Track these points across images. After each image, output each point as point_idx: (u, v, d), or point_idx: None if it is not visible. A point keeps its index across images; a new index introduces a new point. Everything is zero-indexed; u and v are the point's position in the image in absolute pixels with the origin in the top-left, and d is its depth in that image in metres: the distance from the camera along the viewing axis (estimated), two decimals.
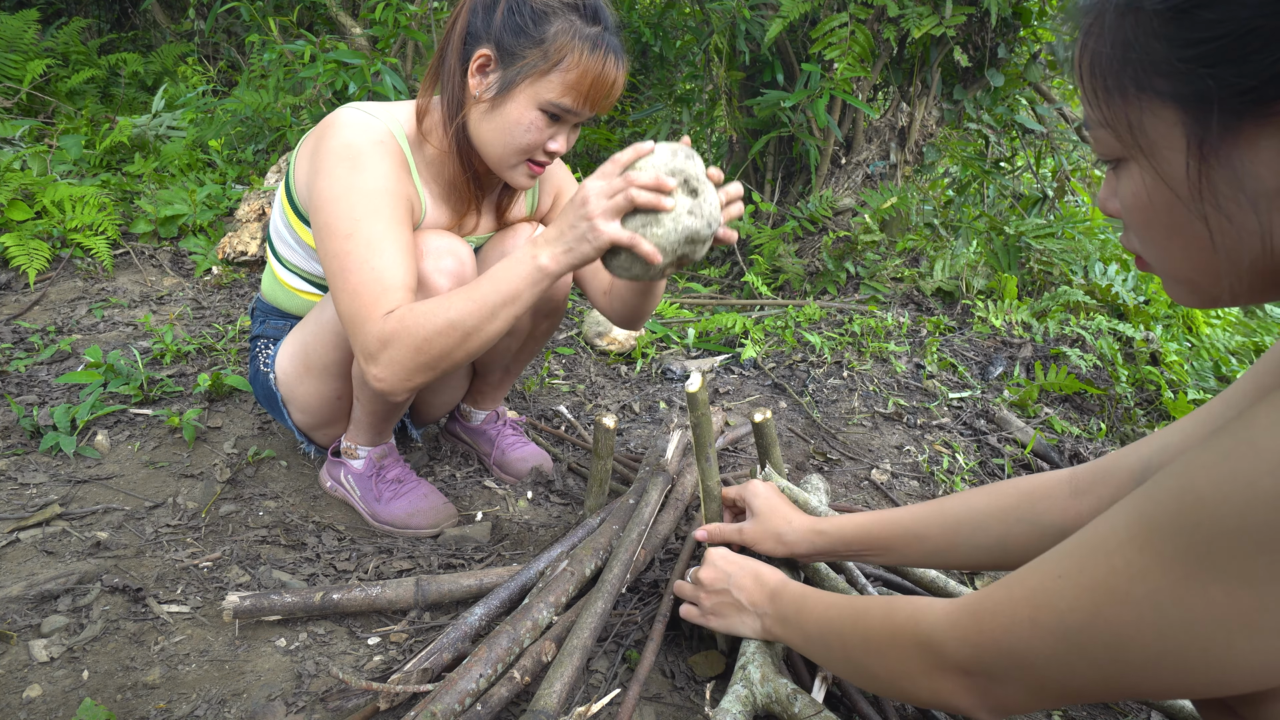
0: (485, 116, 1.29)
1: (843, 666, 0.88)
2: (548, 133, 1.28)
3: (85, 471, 1.58)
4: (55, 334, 2.14)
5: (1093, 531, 0.63)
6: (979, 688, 0.71)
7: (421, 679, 1.05)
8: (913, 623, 0.76)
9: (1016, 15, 3.13)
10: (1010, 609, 0.67)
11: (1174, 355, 2.44)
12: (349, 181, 1.22)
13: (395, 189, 1.26)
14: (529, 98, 1.25)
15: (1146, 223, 0.64)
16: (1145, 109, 0.59)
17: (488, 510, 1.66)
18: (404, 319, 1.15)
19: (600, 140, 4.23)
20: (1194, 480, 0.56)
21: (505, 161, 1.32)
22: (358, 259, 1.19)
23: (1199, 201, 0.58)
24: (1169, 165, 0.59)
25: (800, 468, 1.91)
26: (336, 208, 1.22)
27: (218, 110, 3.64)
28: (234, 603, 1.18)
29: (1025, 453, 2.03)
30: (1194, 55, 0.55)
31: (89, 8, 4.92)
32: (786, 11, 2.83)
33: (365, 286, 1.18)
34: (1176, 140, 0.58)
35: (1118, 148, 0.63)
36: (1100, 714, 1.23)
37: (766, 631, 1.02)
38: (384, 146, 1.27)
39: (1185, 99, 0.57)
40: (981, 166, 3.53)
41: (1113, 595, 0.59)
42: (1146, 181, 0.62)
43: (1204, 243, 0.60)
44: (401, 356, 1.15)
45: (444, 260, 1.34)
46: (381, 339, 1.15)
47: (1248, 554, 0.52)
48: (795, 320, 2.74)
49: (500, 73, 1.25)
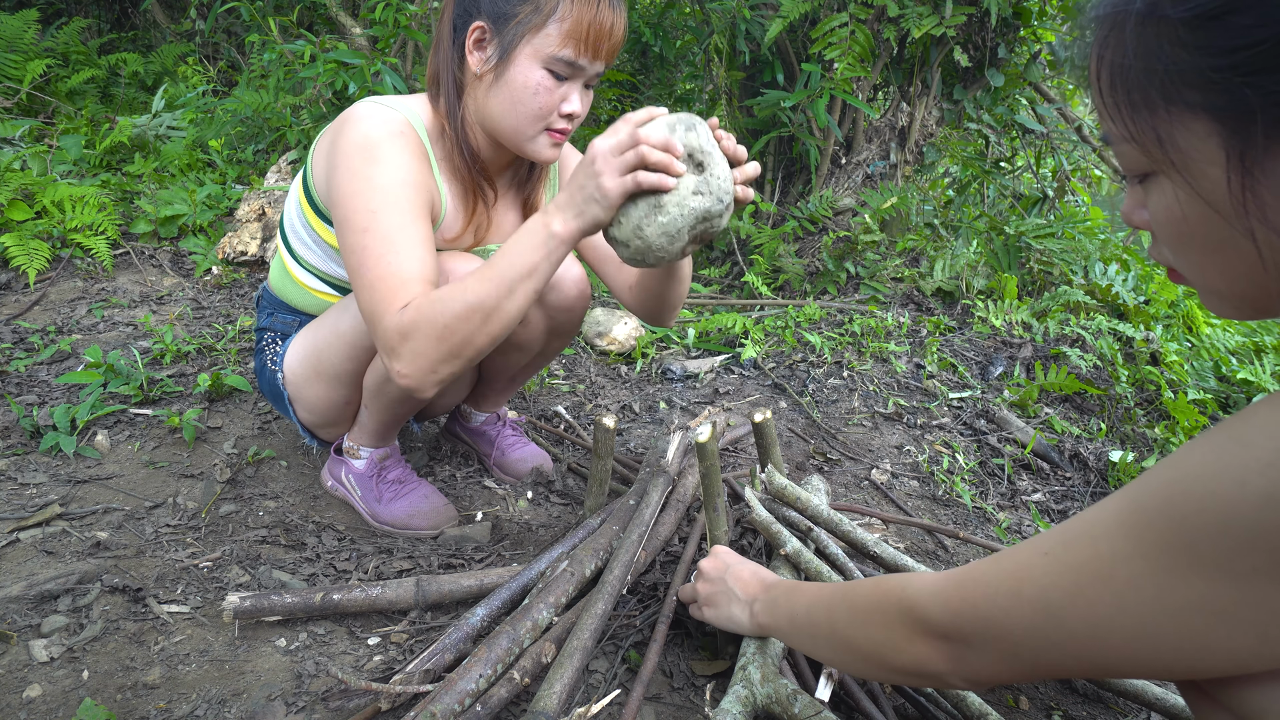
0: (491, 90, 1.26)
1: (826, 645, 0.88)
2: (558, 93, 1.24)
3: (85, 471, 1.58)
4: (55, 334, 2.14)
5: (1084, 516, 0.64)
6: (955, 654, 0.72)
7: (424, 679, 1.05)
8: (900, 589, 0.78)
9: (1016, 15, 3.13)
10: (995, 580, 0.69)
11: (1174, 355, 2.44)
12: (366, 174, 1.20)
13: (414, 180, 1.23)
14: (530, 56, 1.21)
15: (1182, 238, 0.61)
16: (1175, 122, 0.57)
17: (488, 510, 1.66)
18: (421, 308, 1.11)
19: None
20: (1185, 473, 0.56)
21: (522, 133, 1.27)
22: (375, 253, 1.17)
23: (1244, 216, 0.55)
24: (1206, 180, 0.57)
25: (800, 468, 1.91)
26: (354, 202, 1.20)
27: (218, 110, 3.64)
28: (234, 603, 1.18)
29: (1025, 453, 2.03)
30: (1229, 64, 0.52)
31: (89, 8, 4.92)
32: (786, 11, 2.83)
33: (383, 280, 1.15)
34: (1213, 153, 0.55)
35: (1145, 162, 0.61)
36: (1100, 714, 1.23)
37: (754, 618, 1.02)
38: (403, 138, 1.24)
39: (1221, 110, 0.54)
40: (981, 166, 3.53)
41: (1096, 576, 0.61)
42: (1180, 197, 0.59)
43: (1249, 257, 0.57)
44: (423, 348, 1.11)
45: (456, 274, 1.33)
46: (400, 331, 1.12)
47: (1232, 549, 0.53)
48: (795, 320, 2.74)
49: (497, 41, 1.23)
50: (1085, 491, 1.93)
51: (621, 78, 4.51)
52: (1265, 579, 0.52)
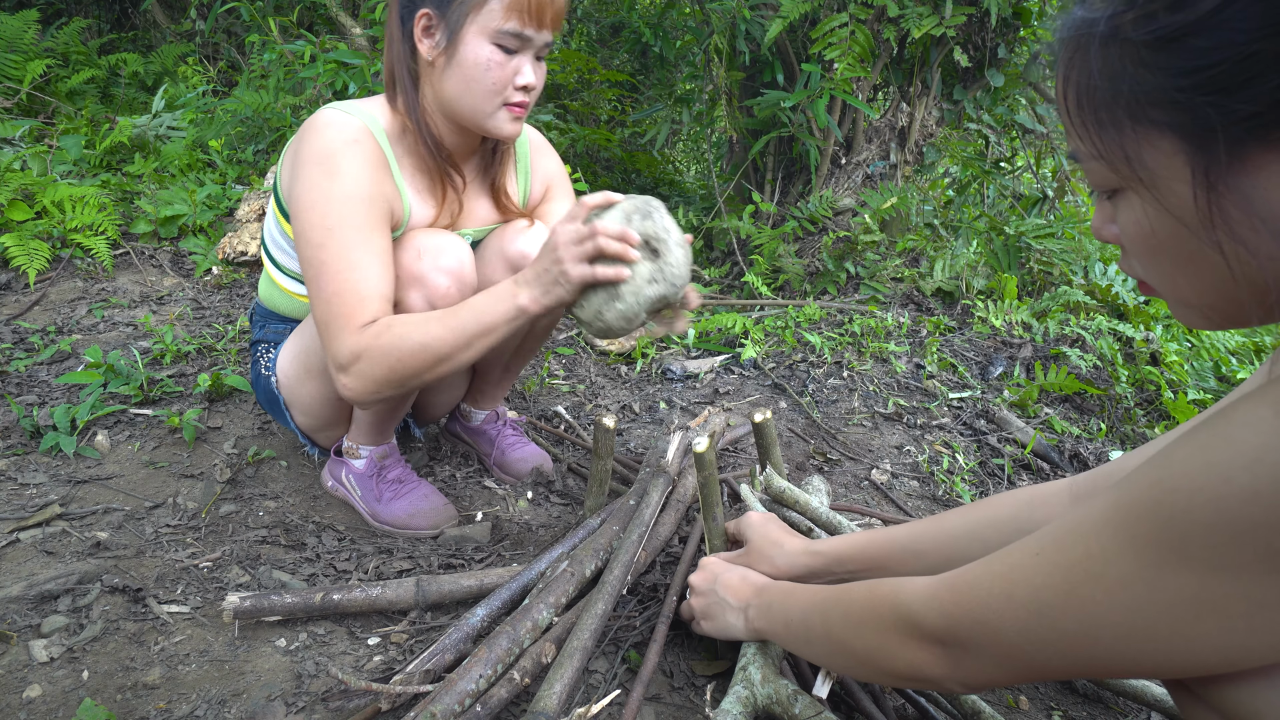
0: (445, 74, 1.28)
1: (822, 649, 0.88)
2: (510, 66, 1.26)
3: (85, 471, 1.58)
4: (55, 334, 2.14)
5: (1074, 516, 0.64)
6: (950, 658, 0.72)
7: (424, 680, 1.05)
8: (894, 593, 0.78)
9: (1016, 15, 3.13)
10: (987, 582, 0.69)
11: (1174, 355, 2.44)
12: (324, 188, 1.23)
13: (371, 193, 1.26)
14: (477, 34, 1.24)
15: (1152, 252, 0.63)
16: (1142, 140, 0.58)
17: (488, 510, 1.66)
18: (380, 336, 1.19)
19: (600, 140, 4.23)
20: (1172, 470, 0.57)
21: (481, 111, 1.29)
22: (332, 269, 1.21)
23: (1211, 230, 0.56)
24: (1173, 195, 0.58)
25: (800, 468, 1.91)
26: (311, 215, 1.23)
27: (218, 110, 3.64)
28: (234, 603, 1.18)
29: (1025, 453, 2.03)
30: (1190, 84, 0.53)
31: (89, 8, 4.92)
32: (786, 11, 2.83)
33: (340, 297, 1.20)
34: (1179, 170, 0.56)
35: (1114, 179, 0.62)
36: (1100, 714, 1.23)
37: (749, 624, 1.02)
38: (359, 146, 1.26)
39: (1185, 128, 0.55)
40: (981, 166, 3.53)
41: (1087, 575, 0.61)
42: (1149, 212, 0.60)
43: (1219, 270, 0.58)
44: (372, 371, 1.19)
45: (443, 258, 1.34)
46: (355, 352, 1.19)
47: (1220, 544, 0.53)
48: (795, 320, 2.74)
49: (444, 25, 1.25)
50: None
51: (622, 78, 4.51)
52: (1253, 573, 0.53)
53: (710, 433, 1.67)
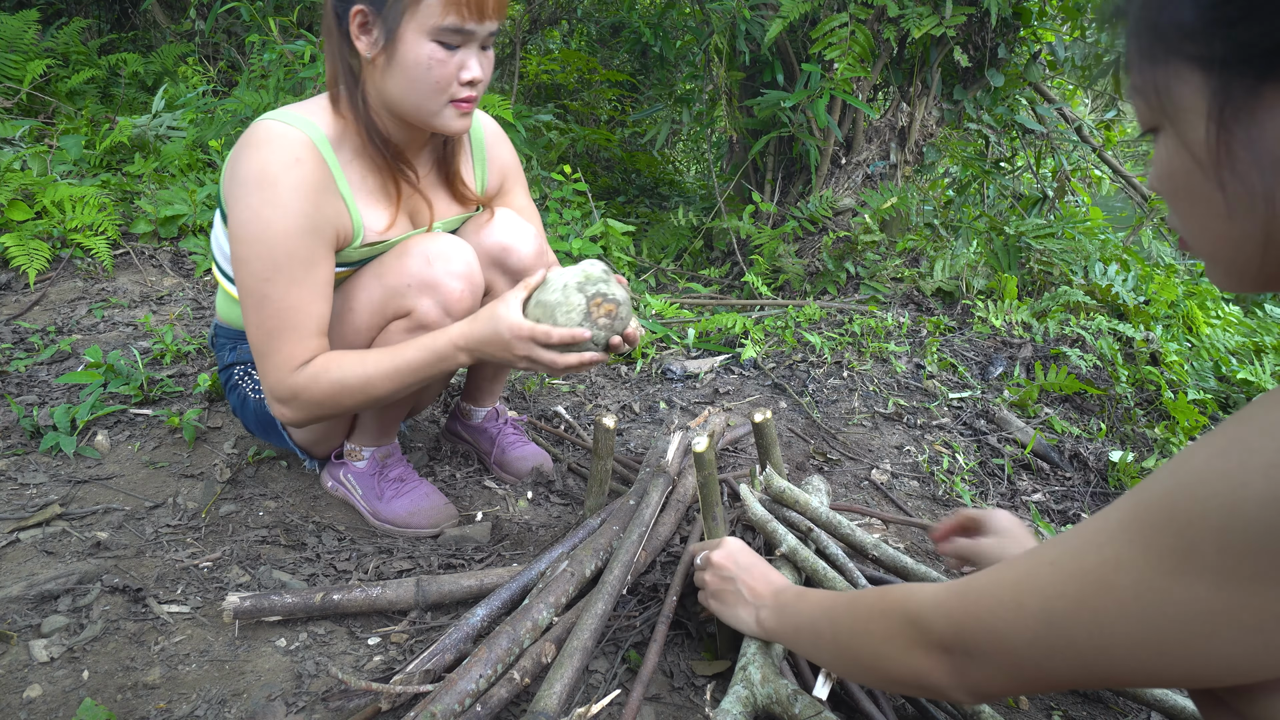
0: (386, 73, 1.23)
1: (830, 653, 0.88)
2: (453, 62, 1.21)
3: (85, 471, 1.58)
4: (55, 334, 2.14)
5: (1088, 523, 0.64)
6: (957, 667, 0.71)
7: (424, 680, 1.05)
8: (903, 599, 0.77)
9: (1016, 15, 3.13)
10: (997, 590, 0.68)
11: (1174, 355, 2.44)
12: (265, 218, 1.19)
13: (314, 223, 1.23)
14: (416, 32, 1.18)
15: (1173, 192, 0.62)
16: (1173, 74, 0.58)
17: (488, 510, 1.66)
18: (318, 378, 1.24)
19: (600, 140, 4.23)
20: (1186, 478, 0.56)
21: (426, 109, 1.25)
22: (275, 304, 1.22)
23: (1217, 167, 0.56)
24: (1192, 131, 0.58)
25: (800, 468, 1.91)
26: (255, 247, 1.21)
27: (218, 110, 3.63)
28: (234, 603, 1.18)
29: (1025, 453, 2.03)
30: (1216, 16, 0.54)
31: (89, 8, 4.92)
32: (786, 11, 2.83)
33: (281, 333, 1.23)
34: (1200, 105, 0.56)
35: (1150, 115, 0.62)
36: (1100, 714, 1.23)
37: (760, 623, 1.02)
38: (300, 167, 1.21)
39: (1208, 62, 0.55)
40: (981, 166, 3.53)
41: (1100, 584, 0.60)
42: (1171, 148, 0.61)
43: (1218, 209, 0.58)
44: (310, 403, 1.26)
45: (453, 263, 1.33)
46: (293, 390, 1.25)
47: (1235, 552, 0.52)
48: (795, 320, 2.74)
49: (380, 21, 1.19)
50: (1085, 492, 1.93)
51: (622, 78, 4.51)
52: (1268, 583, 0.52)
53: (710, 433, 1.67)
